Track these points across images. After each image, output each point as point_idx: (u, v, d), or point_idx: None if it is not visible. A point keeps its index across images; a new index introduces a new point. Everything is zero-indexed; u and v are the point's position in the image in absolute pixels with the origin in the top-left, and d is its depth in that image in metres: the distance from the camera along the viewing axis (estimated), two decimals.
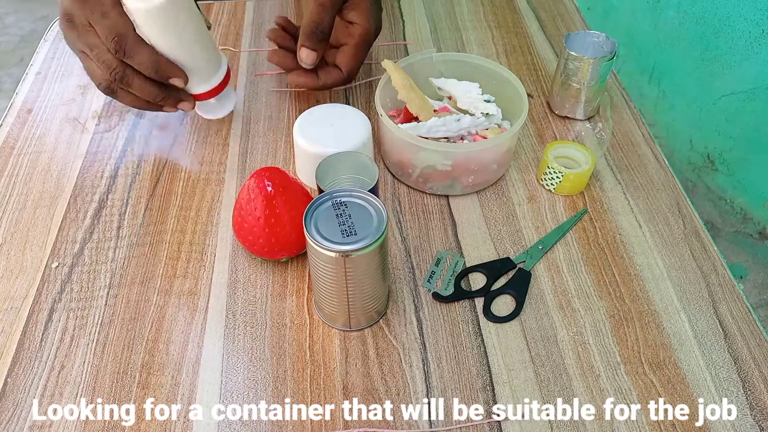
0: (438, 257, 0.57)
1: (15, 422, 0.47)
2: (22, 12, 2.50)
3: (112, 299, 0.54)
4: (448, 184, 0.62)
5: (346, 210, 0.47)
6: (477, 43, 0.84)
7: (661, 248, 0.59)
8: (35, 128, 0.71)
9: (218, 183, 0.64)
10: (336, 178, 0.58)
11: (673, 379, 0.49)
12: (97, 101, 0.74)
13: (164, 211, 0.62)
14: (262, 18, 0.88)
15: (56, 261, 0.57)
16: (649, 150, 0.69)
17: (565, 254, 0.58)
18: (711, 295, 0.55)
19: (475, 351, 0.51)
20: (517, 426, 0.47)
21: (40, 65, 0.80)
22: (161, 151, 0.68)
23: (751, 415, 0.47)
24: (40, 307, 0.54)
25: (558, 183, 0.62)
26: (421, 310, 0.54)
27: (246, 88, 0.76)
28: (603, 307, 0.54)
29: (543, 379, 0.49)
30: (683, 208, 0.63)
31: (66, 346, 0.51)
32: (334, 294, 0.48)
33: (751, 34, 1.36)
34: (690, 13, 1.47)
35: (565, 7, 0.91)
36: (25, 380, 0.49)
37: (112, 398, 0.48)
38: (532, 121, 0.72)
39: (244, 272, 0.56)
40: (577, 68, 0.68)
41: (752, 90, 1.40)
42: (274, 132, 0.70)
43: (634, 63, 1.65)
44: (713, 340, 0.52)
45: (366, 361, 0.50)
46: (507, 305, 0.54)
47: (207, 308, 0.54)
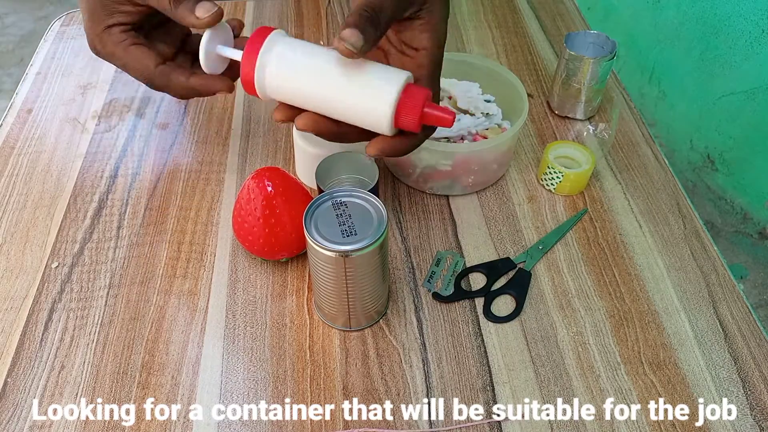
0: (438, 257, 0.57)
1: (15, 422, 0.47)
2: (22, 12, 2.50)
3: (112, 299, 0.54)
4: (448, 184, 0.62)
5: (346, 210, 0.47)
6: (477, 43, 0.84)
7: (661, 248, 0.59)
8: (35, 128, 0.71)
9: (218, 183, 0.64)
10: (336, 178, 0.58)
11: (673, 379, 0.49)
12: (97, 101, 0.74)
13: (164, 211, 0.62)
14: (262, 18, 0.88)
15: (56, 261, 0.57)
16: (649, 150, 0.69)
17: (565, 254, 0.58)
18: (711, 295, 0.55)
19: (475, 351, 0.51)
20: (517, 426, 0.47)
21: (40, 65, 0.80)
22: (161, 151, 0.68)
23: (751, 415, 0.47)
24: (40, 307, 0.54)
25: (558, 183, 0.62)
26: (421, 310, 0.54)
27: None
28: (603, 307, 0.54)
29: (543, 379, 0.49)
30: (683, 208, 0.63)
31: (66, 346, 0.51)
32: (334, 294, 0.48)
33: (751, 34, 1.36)
34: (690, 13, 1.47)
35: (565, 7, 0.91)
36: (25, 380, 0.49)
37: (112, 398, 0.48)
38: (532, 121, 0.72)
39: (244, 272, 0.56)
40: (577, 68, 0.68)
41: (752, 90, 1.40)
42: (274, 132, 0.70)
43: (634, 63, 1.65)
44: (713, 340, 0.52)
45: (366, 361, 0.50)
46: (507, 305, 0.54)
47: (207, 308, 0.54)
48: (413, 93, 0.43)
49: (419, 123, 0.43)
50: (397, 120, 0.43)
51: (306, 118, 0.45)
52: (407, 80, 0.44)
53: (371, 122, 0.44)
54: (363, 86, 0.43)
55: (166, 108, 0.73)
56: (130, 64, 0.54)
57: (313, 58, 0.44)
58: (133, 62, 0.53)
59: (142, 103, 0.74)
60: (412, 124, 0.43)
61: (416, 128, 0.44)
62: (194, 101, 0.74)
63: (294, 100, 0.45)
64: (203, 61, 0.49)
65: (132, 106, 0.73)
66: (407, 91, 0.43)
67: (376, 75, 0.43)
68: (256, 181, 0.51)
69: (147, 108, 0.73)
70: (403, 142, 0.46)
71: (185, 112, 0.73)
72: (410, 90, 0.43)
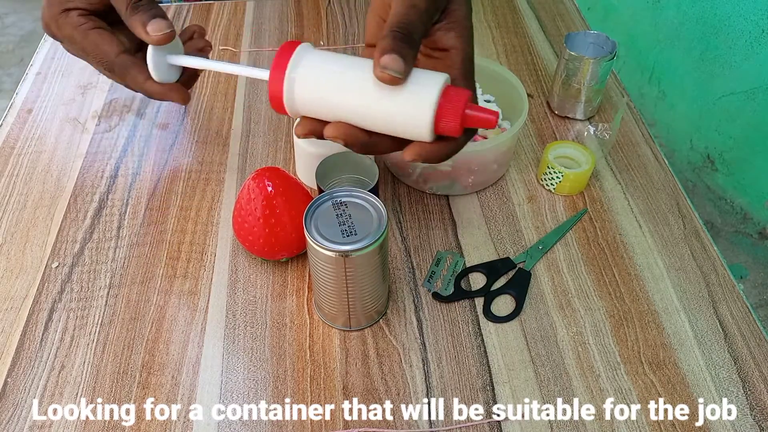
0: (438, 257, 0.57)
1: (15, 422, 0.47)
2: (22, 12, 2.50)
3: (112, 299, 0.54)
4: (448, 184, 0.62)
5: (346, 210, 0.47)
6: (477, 43, 0.83)
7: (661, 248, 0.59)
8: (35, 128, 0.71)
9: (218, 183, 0.64)
10: (336, 178, 0.58)
11: (673, 379, 0.49)
12: (97, 101, 0.74)
13: (164, 211, 0.62)
14: (262, 18, 0.88)
15: (56, 261, 0.57)
16: (649, 150, 0.69)
17: (565, 254, 0.58)
18: (711, 295, 0.55)
19: (475, 351, 0.51)
20: (517, 426, 0.47)
21: (40, 65, 0.80)
22: (161, 151, 0.68)
23: (751, 415, 0.47)
24: (40, 307, 0.54)
25: (558, 183, 0.62)
26: (421, 310, 0.54)
27: (246, 88, 0.76)
28: (603, 307, 0.54)
29: (543, 379, 0.49)
30: (683, 208, 0.63)
31: (66, 346, 0.51)
32: (334, 294, 0.48)
33: (751, 34, 1.36)
34: (690, 13, 1.47)
35: (565, 7, 0.91)
36: (25, 380, 0.49)
37: (112, 398, 0.48)
38: (532, 121, 0.72)
39: (244, 272, 0.56)
40: (577, 68, 0.68)
41: (752, 90, 1.40)
42: (274, 132, 0.70)
43: (634, 63, 1.65)
44: (713, 340, 0.52)
45: (366, 361, 0.50)
46: (507, 305, 0.54)
47: (207, 308, 0.54)
48: (453, 96, 0.40)
49: (461, 127, 0.40)
50: (438, 125, 0.40)
51: (336, 127, 0.42)
52: (445, 83, 0.41)
53: (410, 130, 0.41)
54: (399, 93, 0.40)
55: (167, 108, 0.73)
56: (89, 49, 0.51)
57: (343, 68, 0.42)
58: (92, 47, 0.51)
59: (143, 103, 0.74)
60: (454, 128, 0.40)
61: (458, 132, 0.41)
62: (194, 101, 0.74)
63: (326, 114, 0.43)
64: (153, 71, 0.49)
65: (132, 106, 0.73)
66: (446, 94, 0.40)
67: (412, 80, 0.40)
68: (257, 181, 0.51)
69: (147, 108, 0.73)
70: (442, 147, 0.42)
71: (185, 112, 0.73)
72: (449, 93, 0.40)
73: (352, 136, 0.42)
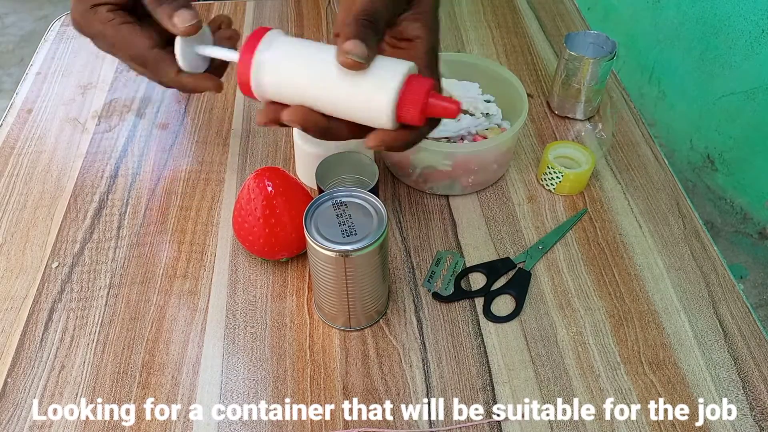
0: (438, 257, 0.57)
1: (15, 422, 0.47)
2: (22, 12, 2.50)
3: (112, 299, 0.54)
4: (448, 184, 0.62)
5: (346, 210, 0.47)
6: (477, 43, 0.84)
7: (661, 248, 0.59)
8: (35, 128, 0.71)
9: (218, 183, 0.64)
10: (336, 178, 0.58)
11: (673, 379, 0.49)
12: (97, 101, 0.74)
13: (164, 211, 0.62)
14: (262, 18, 0.88)
15: (56, 261, 0.57)
16: (649, 150, 0.69)
17: (565, 254, 0.58)
18: (711, 295, 0.55)
19: (475, 351, 0.51)
20: (517, 426, 0.47)
21: (40, 65, 0.80)
22: (161, 151, 0.68)
23: (751, 415, 0.47)
24: (40, 307, 0.54)
25: (558, 183, 0.62)
26: (421, 310, 0.54)
27: None
28: (603, 307, 0.54)
29: (543, 379, 0.49)
30: (683, 208, 0.63)
31: (66, 346, 0.51)
32: (334, 294, 0.48)
33: (751, 34, 1.36)
34: (690, 13, 1.47)
35: (565, 7, 0.91)
36: (25, 380, 0.49)
37: (112, 398, 0.48)
38: (532, 121, 0.72)
39: (244, 272, 0.56)
40: (577, 68, 0.68)
41: (752, 90, 1.40)
42: (274, 132, 0.70)
43: (634, 63, 1.65)
44: (713, 340, 0.52)
45: (366, 361, 0.50)
46: (507, 305, 0.54)
47: (207, 308, 0.54)
48: (415, 84, 0.40)
49: (422, 115, 0.41)
50: (399, 113, 0.41)
51: (294, 111, 0.42)
52: (410, 71, 0.41)
53: (373, 117, 0.42)
54: (363, 79, 0.41)
55: (167, 108, 0.73)
56: (120, 44, 0.51)
57: (310, 53, 0.43)
58: (123, 42, 0.51)
59: (142, 103, 0.74)
60: (415, 116, 0.40)
61: (419, 121, 0.41)
62: (194, 101, 0.74)
63: (290, 98, 0.43)
64: (180, 61, 0.49)
65: (132, 106, 0.73)
66: (409, 82, 0.40)
67: (376, 66, 0.41)
68: (257, 181, 0.51)
69: (147, 108, 0.73)
70: (404, 135, 0.43)
71: (185, 112, 0.73)
72: (412, 81, 0.41)
73: (310, 121, 0.43)
